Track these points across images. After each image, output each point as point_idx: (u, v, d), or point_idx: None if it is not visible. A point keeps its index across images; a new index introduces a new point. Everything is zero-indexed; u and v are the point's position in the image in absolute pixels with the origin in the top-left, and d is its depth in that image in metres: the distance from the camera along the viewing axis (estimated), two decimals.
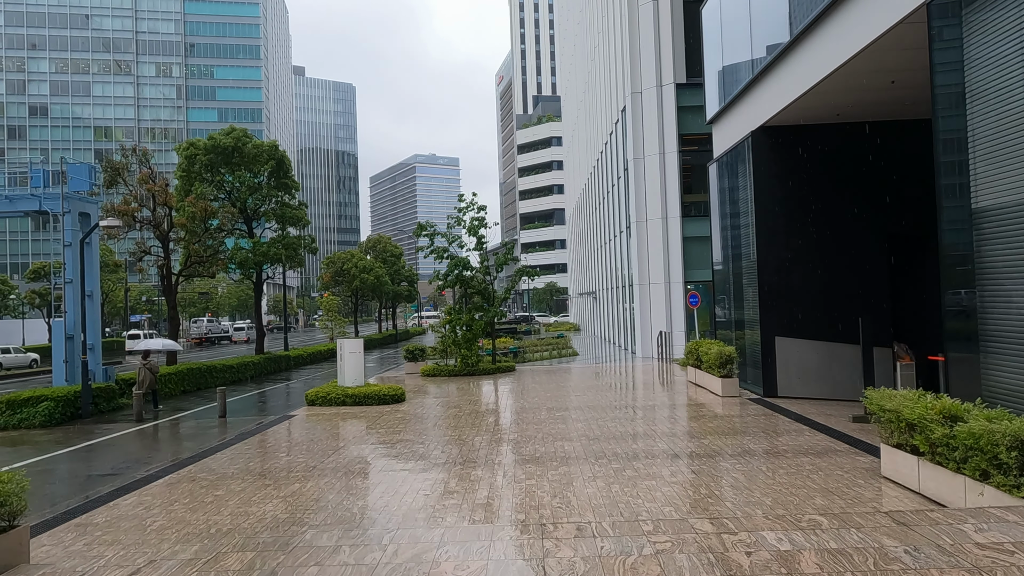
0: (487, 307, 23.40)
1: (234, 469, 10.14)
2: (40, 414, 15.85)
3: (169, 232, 23.19)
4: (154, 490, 9.07)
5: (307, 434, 13.00)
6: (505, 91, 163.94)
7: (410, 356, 25.16)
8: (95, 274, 19.17)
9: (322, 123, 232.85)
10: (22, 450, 13.20)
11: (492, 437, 11.78)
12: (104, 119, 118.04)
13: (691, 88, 29.36)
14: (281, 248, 28.47)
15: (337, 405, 16.63)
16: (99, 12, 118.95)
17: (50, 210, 18.18)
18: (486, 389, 19.26)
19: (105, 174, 21.91)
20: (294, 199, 30.73)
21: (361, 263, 46.44)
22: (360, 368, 18.00)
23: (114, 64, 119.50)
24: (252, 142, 28.50)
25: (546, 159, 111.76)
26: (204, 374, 23.38)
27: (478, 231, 23.24)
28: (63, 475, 10.63)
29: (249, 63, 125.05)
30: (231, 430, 14.59)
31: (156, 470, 10.35)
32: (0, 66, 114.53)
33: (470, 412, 14.85)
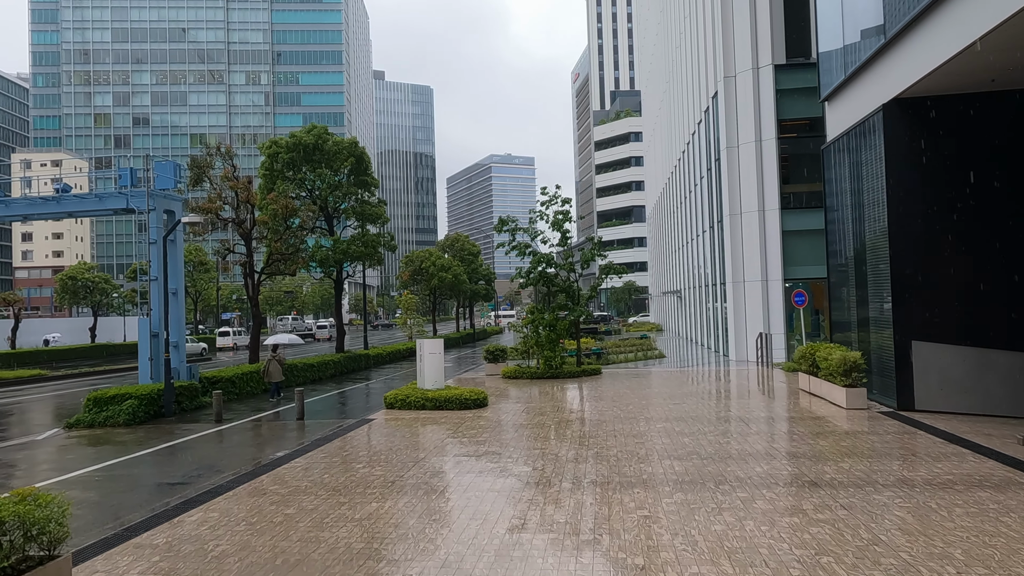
0: (572, 306, 22.07)
1: (308, 482, 9.27)
2: (124, 412, 15.77)
3: (252, 230, 23.11)
4: (221, 504, 8.29)
5: (386, 442, 12.09)
6: (581, 88, 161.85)
7: (490, 357, 24.16)
8: (179, 272, 19.15)
9: (401, 125, 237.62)
10: (103, 451, 12.94)
11: (587, 452, 10.47)
12: (199, 127, 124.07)
13: (791, 69, 27.02)
14: (360, 246, 28.14)
15: (416, 409, 15.74)
16: (195, 26, 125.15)
17: (136, 208, 18.23)
18: (572, 394, 17.94)
19: (191, 172, 22.01)
20: (373, 196, 30.41)
21: (439, 262, 46.05)
22: (440, 370, 17.08)
23: (208, 74, 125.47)
24: (332, 139, 28.33)
25: (624, 155, 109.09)
26: (285, 372, 23.15)
27: (562, 225, 21.93)
28: (135, 481, 10.09)
29: (332, 68, 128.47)
30: (308, 434, 13.93)
31: (227, 479, 9.64)
32: (108, 80, 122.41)
33: (558, 421, 13.58)
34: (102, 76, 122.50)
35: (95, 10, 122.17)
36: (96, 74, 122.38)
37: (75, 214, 19.78)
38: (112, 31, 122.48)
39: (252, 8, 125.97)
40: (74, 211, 19.26)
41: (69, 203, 18.90)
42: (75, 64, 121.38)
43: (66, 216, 19.95)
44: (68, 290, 51.27)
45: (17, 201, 19.43)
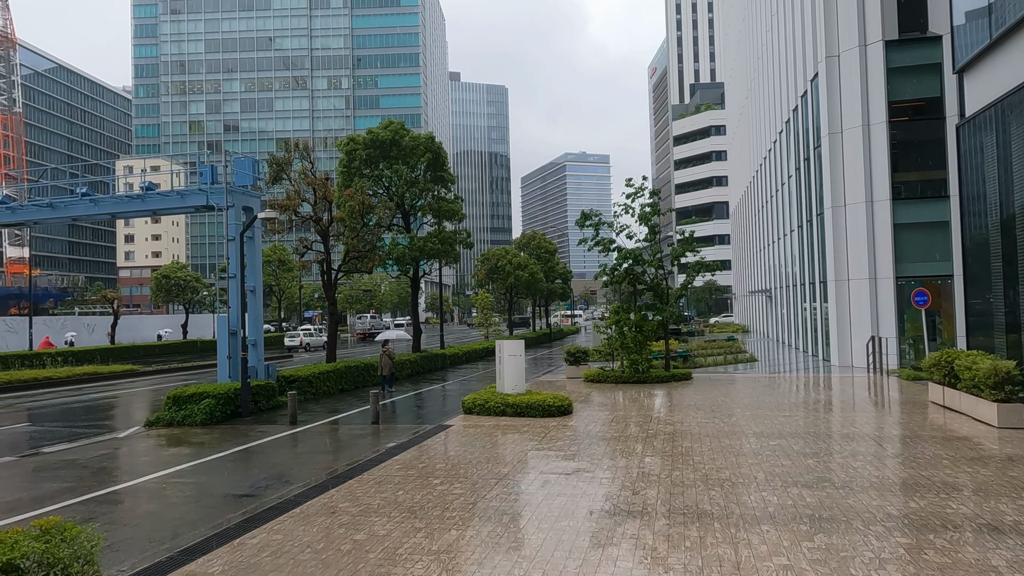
0: (660, 306, 20.52)
1: (380, 499, 8.35)
2: (201, 411, 15.54)
3: (329, 227, 22.81)
4: (287, 524, 7.46)
5: (465, 453, 11.09)
6: (659, 83, 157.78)
7: (571, 359, 22.92)
8: (257, 269, 18.95)
9: (476, 126, 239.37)
10: (176, 453, 12.57)
11: (694, 474, 9.09)
12: (284, 131, 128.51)
13: (904, 45, 24.47)
14: (437, 243, 27.52)
15: (496, 415, 14.72)
16: (280, 34, 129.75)
17: (215, 204, 18.12)
18: (664, 402, 16.47)
19: (269, 170, 21.89)
20: (450, 193, 29.77)
21: (515, 260, 45.16)
22: (521, 373, 15.99)
23: (292, 80, 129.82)
24: (409, 135, 27.80)
25: (705, 150, 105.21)
26: (361, 372, 22.77)
27: (650, 219, 20.40)
28: (201, 491, 9.49)
29: (409, 71, 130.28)
30: (383, 439, 13.14)
31: (296, 492, 8.86)
32: (202, 89, 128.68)
33: (654, 434, 12.20)
34: (196, 85, 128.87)
35: (190, 23, 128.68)
36: (191, 83, 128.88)
37: (158, 211, 19.96)
38: (205, 42, 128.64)
39: (333, 15, 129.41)
40: (157, 208, 19.41)
41: (153, 200, 19.04)
42: (172, 75, 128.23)
43: (150, 214, 20.17)
44: (163, 288, 53.61)
45: (105, 200, 19.77)
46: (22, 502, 9.22)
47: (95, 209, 19.89)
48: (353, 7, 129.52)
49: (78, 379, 28.29)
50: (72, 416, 18.39)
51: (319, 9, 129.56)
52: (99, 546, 4.49)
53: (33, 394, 24.35)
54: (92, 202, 19.80)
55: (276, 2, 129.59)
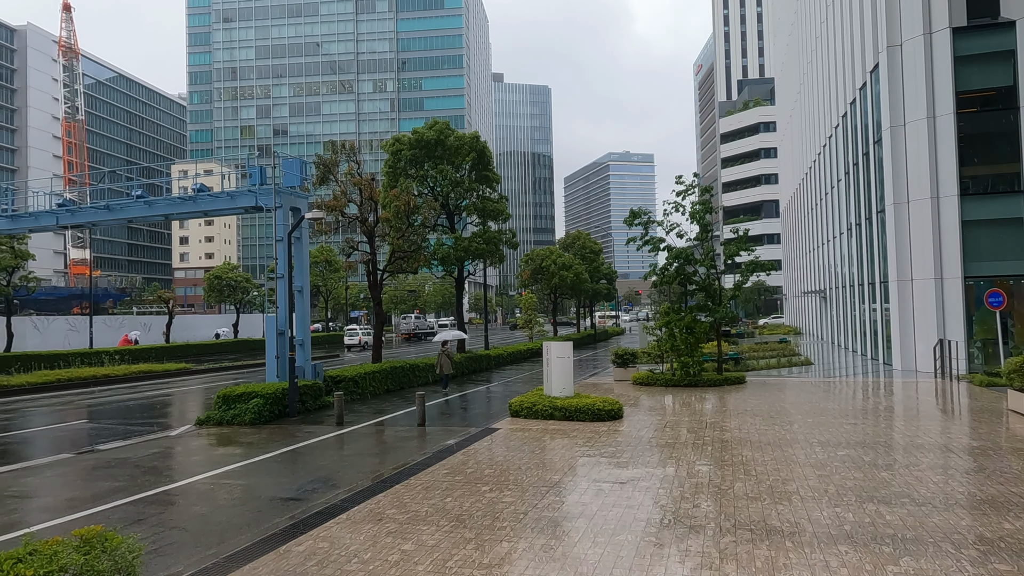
0: (712, 307, 19.83)
1: (428, 506, 8.09)
2: (250, 411, 15.62)
3: (375, 227, 22.82)
4: (334, 531, 7.25)
5: (513, 459, 10.76)
6: (705, 80, 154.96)
7: (619, 361, 22.38)
8: (304, 269, 19.02)
9: (519, 127, 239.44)
10: (225, 453, 12.60)
11: (759, 486, 8.55)
12: (331, 134, 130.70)
13: (973, 32, 23.20)
14: (482, 243, 27.32)
15: (544, 419, 14.35)
16: (327, 39, 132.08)
17: (265, 205, 18.26)
18: (718, 407, 15.83)
19: (316, 171, 22.01)
20: (495, 192, 29.54)
21: (560, 260, 44.67)
22: (569, 376, 15.59)
23: (339, 84, 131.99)
24: (454, 134, 27.68)
25: (753, 147, 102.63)
26: (407, 373, 22.70)
27: (703, 217, 19.72)
28: (248, 493, 9.39)
29: (453, 72, 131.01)
30: (429, 443, 12.93)
31: (343, 497, 8.68)
32: (252, 94, 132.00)
33: (711, 441, 11.65)
34: (247, 91, 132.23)
35: (241, 30, 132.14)
36: (242, 89, 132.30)
37: (209, 213, 20.25)
38: (256, 49, 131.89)
39: (379, 19, 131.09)
40: (208, 209, 19.69)
41: (204, 202, 19.32)
42: (224, 81, 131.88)
43: (201, 215, 20.49)
44: (215, 288, 54.95)
45: (158, 201, 20.17)
46: (76, 500, 9.28)
47: (149, 211, 20.32)
48: (398, 11, 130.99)
49: (134, 377, 29.07)
50: (127, 413, 18.79)
51: (365, 14, 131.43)
52: (140, 557, 4.32)
53: (92, 391, 25.08)
54: (146, 204, 20.24)
55: (323, 8, 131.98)
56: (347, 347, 51.86)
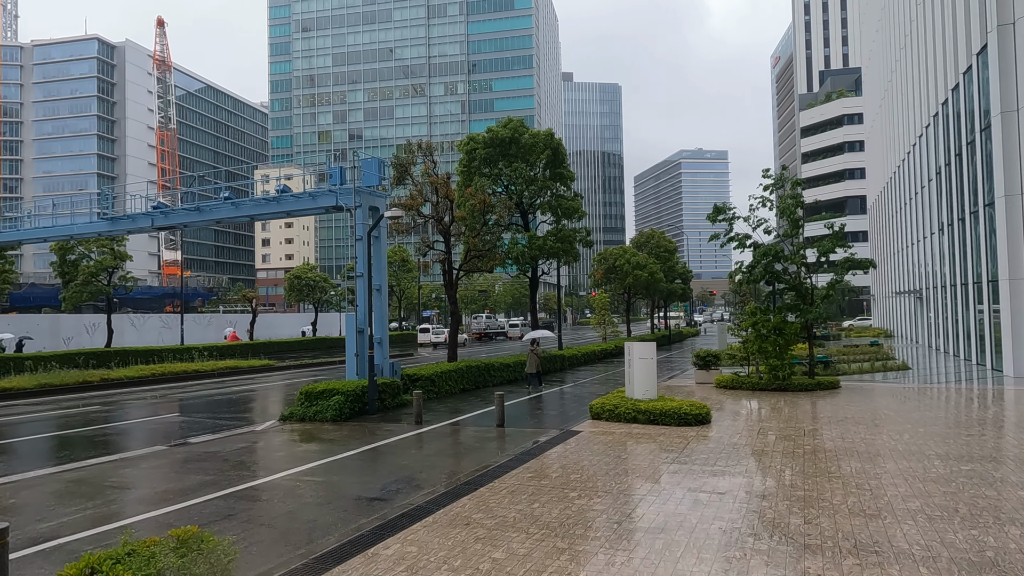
0: (804, 307, 18.71)
1: (516, 512, 7.76)
2: (331, 408, 15.79)
3: (450, 226, 22.82)
4: (421, 535, 7.03)
5: (599, 464, 10.31)
6: (783, 72, 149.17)
7: (701, 362, 21.50)
8: (382, 268, 19.16)
9: (588, 125, 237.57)
10: (308, 450, 12.71)
11: (875, 501, 7.79)
12: (403, 137, 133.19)
13: None
14: (556, 241, 26.93)
15: (627, 422, 13.82)
16: (400, 44, 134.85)
17: (344, 205, 18.49)
18: (814, 413, 14.85)
19: (394, 172, 22.19)
20: (569, 190, 29.09)
21: (634, 259, 43.70)
22: (652, 377, 14.99)
23: (411, 88, 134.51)
24: (528, 132, 27.42)
25: (837, 140, 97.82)
26: (482, 372, 22.58)
27: (794, 212, 18.64)
28: (333, 491, 9.34)
29: (523, 73, 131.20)
30: (509, 444, 12.64)
31: (427, 498, 8.47)
32: (329, 100, 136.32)
33: (812, 450, 10.84)
34: (324, 97, 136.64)
35: (319, 39, 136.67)
36: (319, 96, 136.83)
37: (292, 213, 20.72)
38: (332, 56, 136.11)
39: (450, 22, 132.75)
40: (291, 210, 20.14)
41: (287, 202, 19.77)
42: (303, 88, 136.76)
43: (284, 216, 20.97)
44: (295, 288, 56.83)
45: (244, 203, 20.81)
46: (169, 493, 9.48)
47: (236, 211, 21.00)
48: (469, 13, 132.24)
49: (221, 372, 30.25)
50: (215, 408, 19.43)
51: (436, 18, 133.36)
52: (235, 561, 4.17)
53: (183, 385, 26.22)
54: (233, 205, 20.91)
55: (396, 14, 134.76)
56: (419, 345, 52.84)
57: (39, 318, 43.48)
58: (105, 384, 25.03)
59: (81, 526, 7.92)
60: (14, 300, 50.71)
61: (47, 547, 7.20)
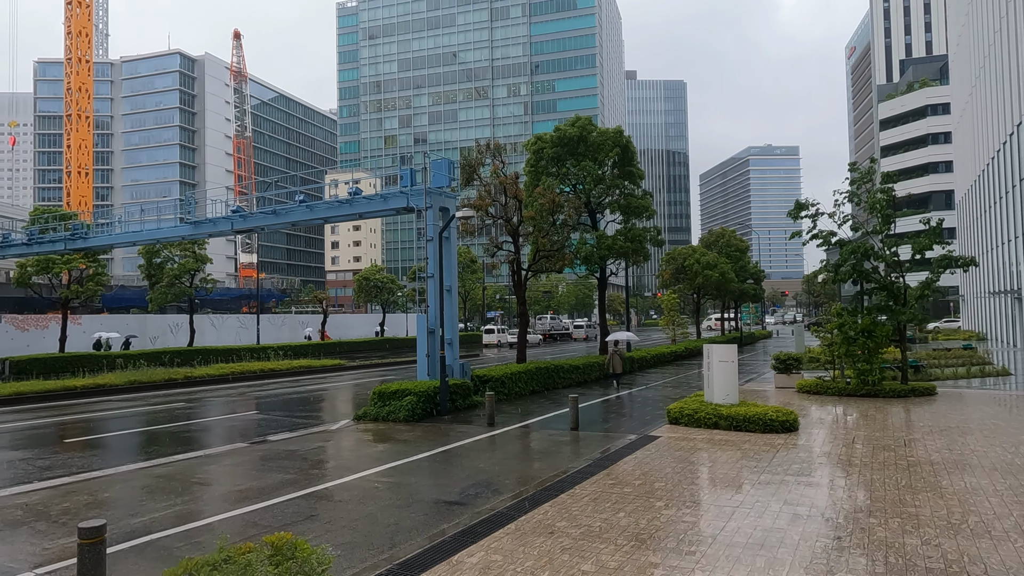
0: (896, 308, 17.56)
1: (600, 521, 7.44)
2: (404, 408, 15.83)
3: (519, 226, 22.64)
4: (505, 543, 6.80)
5: (684, 472, 9.85)
6: (859, 62, 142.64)
7: (781, 366, 20.54)
8: (453, 268, 19.14)
9: (652, 123, 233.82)
10: (384, 450, 12.73)
11: (1002, 522, 7.07)
12: (466, 140, 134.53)
13: None
14: (625, 241, 26.33)
15: (708, 427, 13.24)
16: (463, 48, 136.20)
17: (415, 206, 18.57)
18: (910, 421, 13.85)
19: (462, 172, 22.19)
20: (638, 188, 28.42)
21: (704, 259, 42.46)
22: (733, 381, 14.34)
23: (474, 91, 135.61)
24: (597, 130, 26.94)
25: (920, 132, 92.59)
26: (551, 373, 22.28)
27: (884, 208, 17.52)
28: (411, 494, 9.24)
29: (586, 72, 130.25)
30: (584, 448, 12.30)
31: (507, 504, 8.25)
32: (395, 105, 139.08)
33: (916, 463, 10.04)
34: (390, 103, 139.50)
35: (385, 46, 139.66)
36: (385, 101, 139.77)
37: (364, 215, 20.99)
38: (398, 62, 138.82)
39: (513, 24, 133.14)
40: (363, 211, 20.40)
41: (359, 204, 20.03)
42: (370, 95, 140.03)
43: (356, 217, 21.29)
44: (363, 289, 58.01)
45: (318, 205, 21.24)
46: (252, 491, 9.60)
47: (310, 214, 21.45)
48: (531, 14, 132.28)
49: (295, 371, 31.06)
50: (291, 406, 19.86)
51: (499, 20, 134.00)
52: (330, 570, 4.03)
53: (259, 384, 27.02)
54: (308, 208, 21.38)
55: (460, 18, 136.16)
56: (484, 346, 53.12)
57: (128, 318, 45.92)
58: (188, 382, 26.07)
59: (170, 522, 8.08)
60: (106, 301, 53.76)
61: (140, 543, 7.36)
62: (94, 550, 5.47)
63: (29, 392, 21.59)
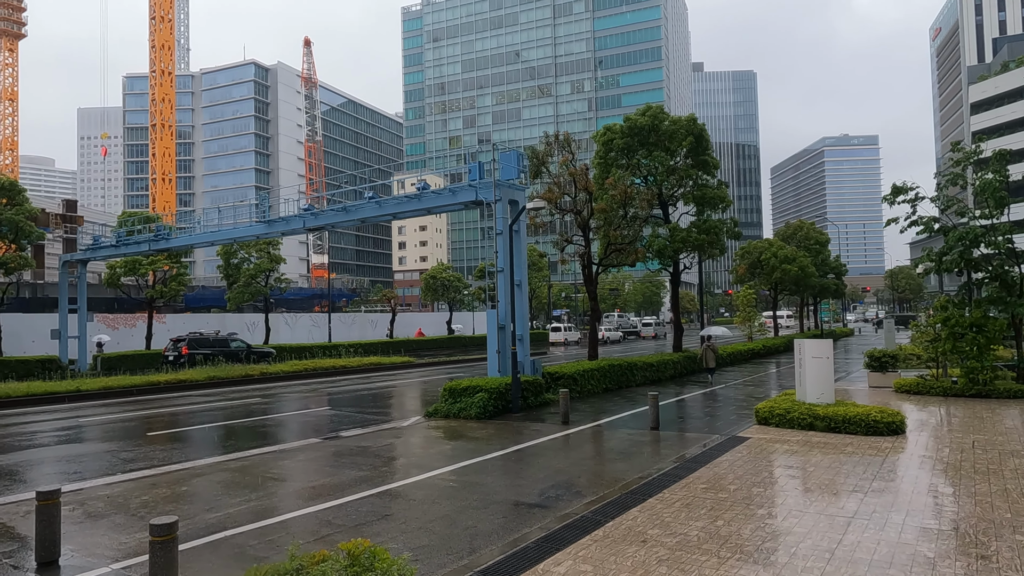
0: (1011, 300, 15.94)
1: (697, 529, 6.75)
2: (475, 405, 15.46)
3: (589, 220, 21.94)
4: (593, 551, 6.22)
5: (783, 477, 9.01)
6: (945, 44, 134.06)
7: (876, 364, 19.08)
8: (523, 263, 18.65)
9: (721, 116, 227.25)
10: (456, 448, 12.35)
11: None
12: (530, 139, 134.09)
13: None
14: (700, 233, 25.18)
15: (802, 428, 12.25)
16: (526, 46, 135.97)
17: (484, 199, 18.18)
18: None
19: (530, 164, 21.67)
20: (713, 178, 27.18)
21: (781, 252, 40.46)
22: (829, 379, 13.27)
23: (537, 89, 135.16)
24: (669, 119, 25.91)
25: (1019, 115, 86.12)
26: (624, 371, 21.50)
27: (997, 191, 15.90)
28: (487, 495, 8.77)
29: (651, 66, 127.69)
30: (667, 449, 11.56)
31: (591, 508, 7.66)
32: (459, 106, 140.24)
33: None
34: (454, 104, 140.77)
35: (449, 47, 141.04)
36: (449, 103, 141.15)
37: (433, 210, 20.78)
38: (461, 63, 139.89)
39: (576, 20, 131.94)
40: (432, 206, 20.17)
41: (428, 199, 19.81)
42: (434, 96, 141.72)
43: (424, 212, 21.09)
44: (430, 288, 58.44)
45: (388, 201, 21.17)
46: (325, 488, 9.36)
47: (380, 210, 21.41)
48: (595, 9, 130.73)
49: (365, 368, 31.34)
50: (361, 402, 19.85)
51: (562, 17, 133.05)
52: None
53: (331, 380, 27.33)
54: (377, 204, 21.34)
55: (523, 16, 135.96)
56: (551, 344, 52.63)
57: (208, 317, 47.70)
58: (264, 378, 26.62)
59: (245, 519, 7.89)
60: (188, 301, 56.11)
61: (214, 539, 7.17)
62: (165, 548, 5.23)
63: (116, 387, 22.46)
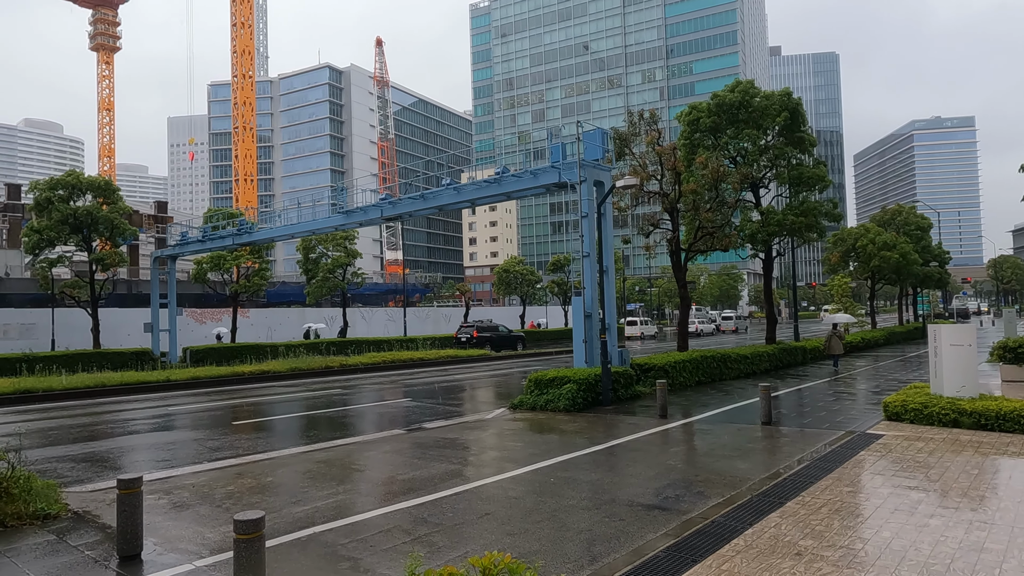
0: None
1: (860, 541, 5.60)
2: (564, 397, 14.56)
3: (677, 202, 20.63)
4: (738, 566, 5.19)
5: (944, 479, 7.66)
6: None
7: (1010, 355, 16.93)
8: (610, 248, 17.59)
9: (801, 101, 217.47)
10: (548, 442, 11.49)
11: None
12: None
13: None
14: (797, 215, 23.34)
15: (944, 426, 10.72)
16: (595, 37, 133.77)
17: (568, 180, 17.22)
18: None
19: (615, 146, 20.57)
20: (811, 157, 25.26)
21: (879, 239, 37.58)
22: (972, 369, 11.64)
23: (607, 81, 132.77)
24: (761, 93, 24.19)
25: None
26: (719, 364, 20.09)
27: None
28: (596, 493, 7.84)
29: (726, 51, 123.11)
30: (787, 447, 10.31)
31: (720, 512, 6.62)
32: (527, 101, 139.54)
33: None
34: (523, 99, 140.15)
35: (516, 42, 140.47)
36: (518, 98, 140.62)
37: (512, 195, 19.98)
38: (530, 57, 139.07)
39: (647, 7, 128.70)
40: (511, 191, 19.37)
41: (508, 183, 19.03)
42: (503, 92, 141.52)
43: (504, 197, 20.35)
44: (503, 282, 57.93)
45: (466, 187, 20.52)
46: (415, 482, 8.67)
47: (458, 197, 20.80)
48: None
49: (442, 361, 30.98)
50: (441, 394, 19.30)
51: (632, 5, 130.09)
52: None
53: (409, 372, 27.05)
54: (455, 190, 20.74)
55: (591, 7, 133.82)
56: (628, 338, 51.48)
57: (289, 311, 48.85)
58: (343, 370, 26.61)
59: (333, 514, 7.26)
60: (269, 296, 57.69)
61: (302, 536, 6.55)
62: (251, 546, 4.58)
63: (203, 377, 22.83)
